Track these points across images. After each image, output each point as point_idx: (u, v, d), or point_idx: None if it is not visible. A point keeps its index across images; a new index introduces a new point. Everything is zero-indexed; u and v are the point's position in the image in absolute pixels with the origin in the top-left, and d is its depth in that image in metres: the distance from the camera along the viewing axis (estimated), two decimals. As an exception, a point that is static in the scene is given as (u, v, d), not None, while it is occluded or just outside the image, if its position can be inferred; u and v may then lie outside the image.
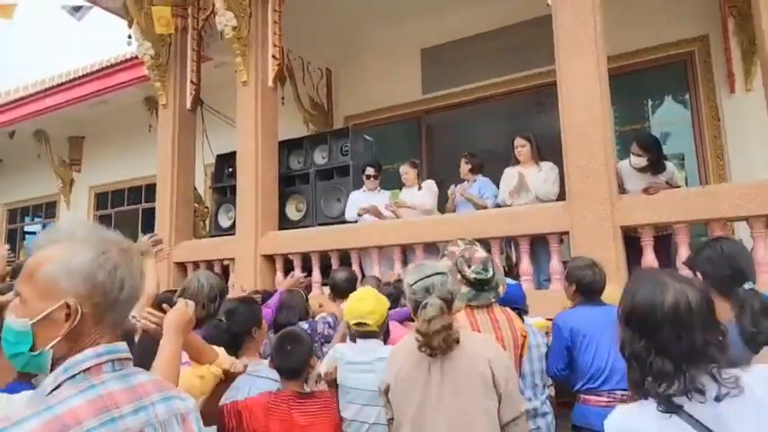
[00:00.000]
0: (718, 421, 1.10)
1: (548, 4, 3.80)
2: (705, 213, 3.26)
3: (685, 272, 3.19)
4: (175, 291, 2.54)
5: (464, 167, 4.80)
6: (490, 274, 2.18)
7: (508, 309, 2.26)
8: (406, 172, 4.84)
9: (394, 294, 2.91)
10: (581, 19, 3.66)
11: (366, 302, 2.27)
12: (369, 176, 4.88)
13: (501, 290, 2.24)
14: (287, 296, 3.29)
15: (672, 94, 5.79)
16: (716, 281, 1.80)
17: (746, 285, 1.78)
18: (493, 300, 2.18)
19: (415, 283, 1.88)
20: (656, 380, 1.18)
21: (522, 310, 2.59)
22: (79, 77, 8.65)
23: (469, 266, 2.16)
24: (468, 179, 4.77)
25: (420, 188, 4.76)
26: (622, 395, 2.41)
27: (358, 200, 4.84)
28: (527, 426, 1.93)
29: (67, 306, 0.92)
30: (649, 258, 3.44)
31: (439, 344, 1.76)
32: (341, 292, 3.25)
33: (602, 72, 3.59)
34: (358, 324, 2.25)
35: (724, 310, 1.68)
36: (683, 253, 3.32)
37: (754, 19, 3.39)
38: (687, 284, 1.25)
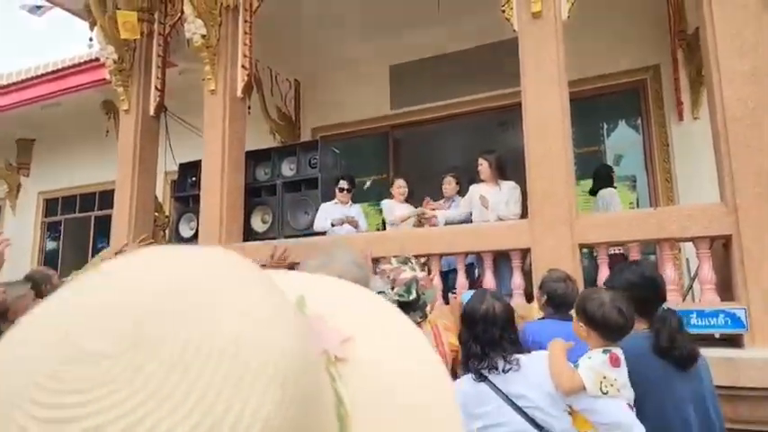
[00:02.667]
0: (506, 384, 1.86)
1: (514, 30, 3.98)
2: (655, 234, 3.46)
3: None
4: None
5: (452, 186, 4.96)
6: (413, 296, 2.17)
7: (438, 324, 2.29)
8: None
9: None
10: (545, 45, 3.84)
11: None
12: (342, 189, 4.93)
13: (429, 309, 2.29)
14: None
15: (625, 119, 6.12)
16: (638, 302, 2.00)
17: (664, 305, 2.07)
18: (419, 320, 2.20)
19: None
20: (472, 359, 1.96)
21: None
22: (32, 78, 8.32)
23: (393, 289, 2.20)
24: (448, 197, 4.94)
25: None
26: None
27: (330, 211, 4.86)
28: None
29: None
30: (604, 274, 3.61)
31: None
32: None
33: (563, 96, 3.77)
34: None
35: (641, 326, 2.02)
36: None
37: (702, 51, 3.66)
38: (497, 299, 2.05)
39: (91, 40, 5.92)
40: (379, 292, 2.09)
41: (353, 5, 6.03)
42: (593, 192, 5.21)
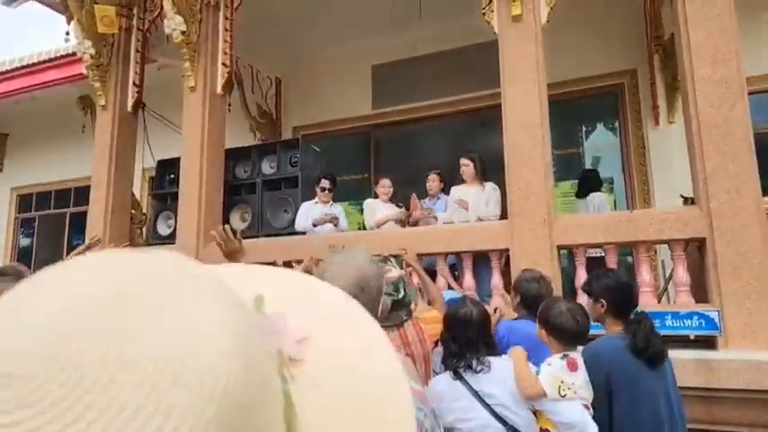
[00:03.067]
0: (477, 383, 2.05)
1: (494, 33, 4.01)
2: (632, 236, 3.51)
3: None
4: None
5: (437, 184, 4.95)
6: (401, 294, 2.20)
7: (420, 322, 2.27)
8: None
9: None
10: (525, 47, 3.88)
11: None
12: (324, 189, 4.90)
13: (413, 306, 2.30)
14: None
15: (603, 122, 6.22)
16: (615, 305, 2.27)
17: (638, 309, 2.29)
18: (405, 318, 2.18)
19: None
20: (450, 358, 2.15)
21: None
22: (7, 71, 8.13)
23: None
24: (433, 195, 4.94)
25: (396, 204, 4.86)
26: None
27: (310, 211, 4.84)
28: None
29: None
30: (582, 276, 3.66)
31: None
32: None
33: (542, 98, 3.80)
34: None
35: (617, 328, 2.26)
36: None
37: (677, 58, 3.73)
38: (475, 305, 2.25)
39: (68, 34, 5.79)
40: None
41: (336, 4, 6.02)
42: (581, 195, 5.19)
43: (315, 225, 4.73)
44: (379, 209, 4.83)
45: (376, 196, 5.04)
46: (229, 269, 0.41)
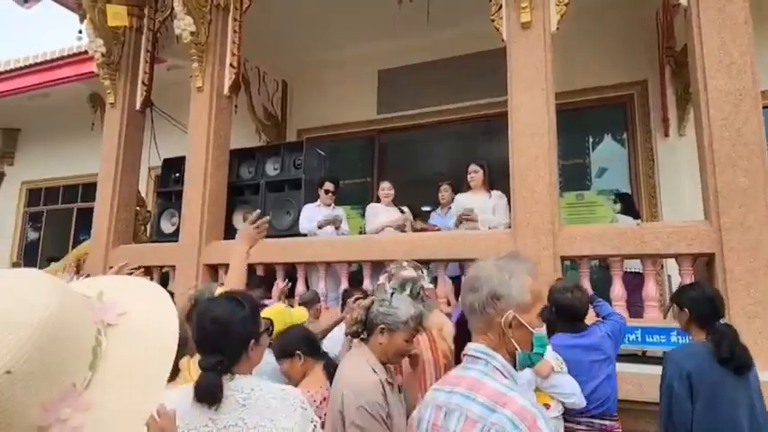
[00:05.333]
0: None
1: (502, 40, 3.96)
2: (639, 249, 3.43)
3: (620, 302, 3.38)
4: None
5: (449, 194, 4.91)
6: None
7: (434, 330, 2.31)
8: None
9: None
10: (533, 56, 3.82)
11: None
12: (327, 191, 4.87)
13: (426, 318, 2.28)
14: None
15: (611, 132, 6.13)
16: (699, 316, 2.41)
17: (722, 320, 2.42)
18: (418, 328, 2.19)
19: None
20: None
21: None
22: (21, 68, 8.22)
23: (389, 282, 2.31)
24: (445, 205, 4.89)
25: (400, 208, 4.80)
26: (600, 425, 2.50)
27: (313, 213, 4.81)
28: None
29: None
30: (586, 286, 3.57)
31: None
32: None
33: (550, 107, 3.75)
34: None
35: (701, 336, 2.41)
36: (617, 286, 3.49)
37: (690, 69, 3.65)
38: None
39: (80, 32, 5.83)
40: (379, 284, 2.37)
41: (344, 9, 6.01)
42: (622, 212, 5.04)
43: (320, 227, 4.69)
44: (380, 213, 4.77)
45: (379, 200, 4.99)
46: (94, 279, 0.78)
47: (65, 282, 0.70)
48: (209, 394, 1.39)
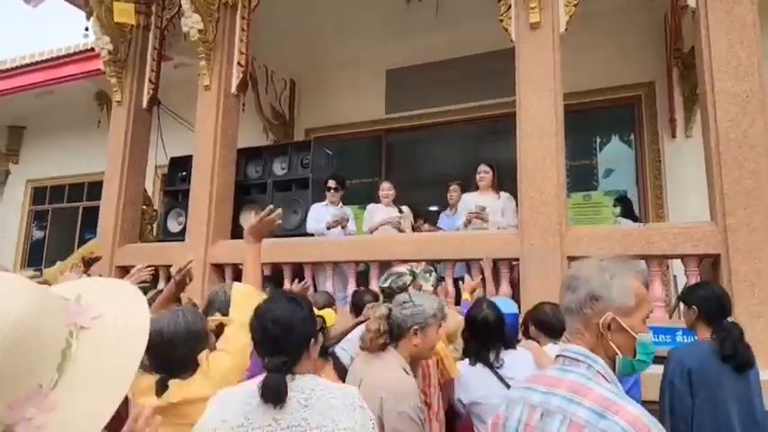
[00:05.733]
0: (501, 369, 2.38)
1: (511, 40, 3.97)
2: (645, 249, 3.45)
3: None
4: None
5: (458, 194, 4.94)
6: (386, 285, 2.47)
7: (429, 364, 2.29)
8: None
9: None
10: (542, 56, 3.84)
11: None
12: (329, 188, 4.86)
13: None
14: None
15: (618, 133, 6.15)
16: (707, 314, 2.47)
17: (729, 318, 2.48)
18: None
19: None
20: (472, 354, 2.48)
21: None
22: (26, 65, 8.24)
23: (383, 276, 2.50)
24: (453, 205, 4.92)
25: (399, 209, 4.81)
26: None
27: (321, 212, 4.82)
28: None
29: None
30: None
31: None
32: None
33: (558, 108, 3.76)
34: None
35: (707, 334, 2.46)
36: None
37: (697, 70, 3.67)
38: (492, 309, 2.49)
39: (87, 29, 5.85)
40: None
41: (352, 8, 6.02)
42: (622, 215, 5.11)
43: (328, 228, 4.70)
44: (378, 213, 4.77)
45: (380, 201, 5.00)
46: (76, 282, 0.79)
47: (48, 284, 0.78)
48: (275, 394, 1.41)
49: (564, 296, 1.25)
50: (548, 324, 2.70)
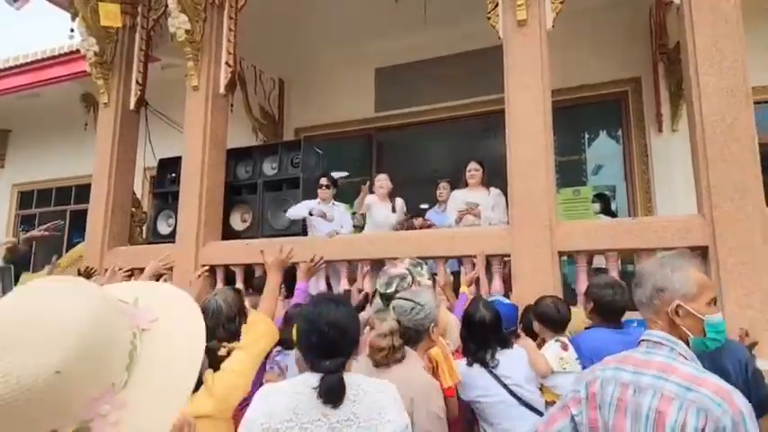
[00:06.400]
0: (497, 368, 2.44)
1: (499, 38, 3.99)
2: (634, 243, 3.49)
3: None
4: None
5: (447, 191, 4.95)
6: (391, 289, 2.39)
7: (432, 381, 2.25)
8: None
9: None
10: (529, 53, 3.86)
11: None
12: (321, 185, 4.88)
13: (432, 329, 2.27)
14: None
15: (606, 129, 6.20)
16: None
17: None
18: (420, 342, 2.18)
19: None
20: (469, 353, 2.51)
21: (510, 333, 2.71)
22: (10, 68, 8.13)
23: (380, 280, 2.43)
24: (443, 202, 4.94)
25: (393, 205, 4.85)
26: None
27: (308, 203, 4.83)
28: None
29: None
30: (582, 282, 3.62)
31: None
32: None
33: (546, 104, 3.78)
34: None
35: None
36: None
37: (682, 65, 3.71)
38: (488, 309, 2.53)
39: (72, 31, 5.78)
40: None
41: (340, 7, 6.01)
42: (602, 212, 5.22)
43: (311, 214, 4.71)
44: (374, 206, 4.77)
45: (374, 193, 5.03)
46: (130, 285, 0.87)
47: (104, 287, 0.79)
48: (337, 395, 1.47)
49: (634, 292, 1.47)
50: (550, 317, 2.67)
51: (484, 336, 2.49)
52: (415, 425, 1.76)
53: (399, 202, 4.88)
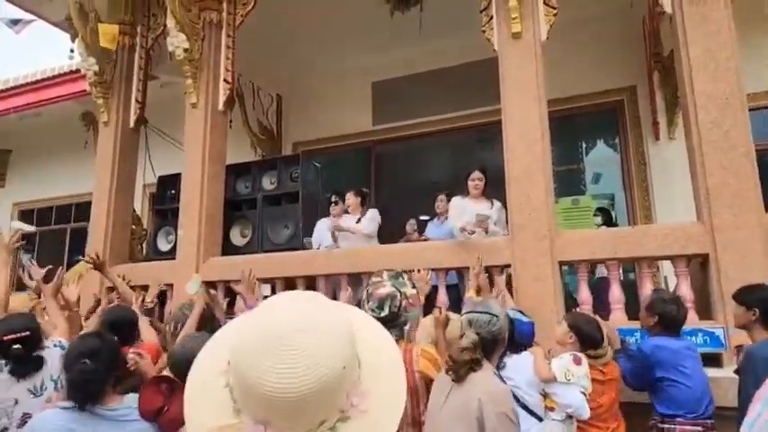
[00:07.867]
0: (501, 370, 2.45)
1: (494, 50, 4.02)
2: (634, 252, 3.48)
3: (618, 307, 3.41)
4: None
5: (444, 204, 4.98)
6: (385, 313, 2.17)
7: (414, 348, 2.22)
8: (349, 198, 5.09)
9: None
10: (525, 65, 3.89)
11: None
12: (331, 203, 5.10)
13: (408, 327, 2.28)
14: None
15: (603, 138, 6.23)
16: (766, 315, 2.54)
17: None
18: (395, 338, 2.04)
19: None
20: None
21: (526, 347, 2.76)
22: (11, 88, 8.21)
23: (368, 302, 2.22)
24: (441, 214, 4.95)
25: (361, 216, 4.94)
26: (712, 423, 2.63)
27: (322, 230, 4.99)
28: None
29: None
30: (584, 292, 3.62)
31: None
32: None
33: (543, 114, 3.80)
34: None
35: (764, 335, 2.54)
36: (615, 290, 3.52)
37: (677, 74, 3.74)
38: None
39: (72, 51, 5.84)
40: (358, 302, 2.42)
41: (337, 22, 6.07)
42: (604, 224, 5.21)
43: (332, 234, 4.88)
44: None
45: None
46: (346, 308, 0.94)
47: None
48: None
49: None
50: (591, 337, 2.75)
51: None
52: (485, 425, 1.81)
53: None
